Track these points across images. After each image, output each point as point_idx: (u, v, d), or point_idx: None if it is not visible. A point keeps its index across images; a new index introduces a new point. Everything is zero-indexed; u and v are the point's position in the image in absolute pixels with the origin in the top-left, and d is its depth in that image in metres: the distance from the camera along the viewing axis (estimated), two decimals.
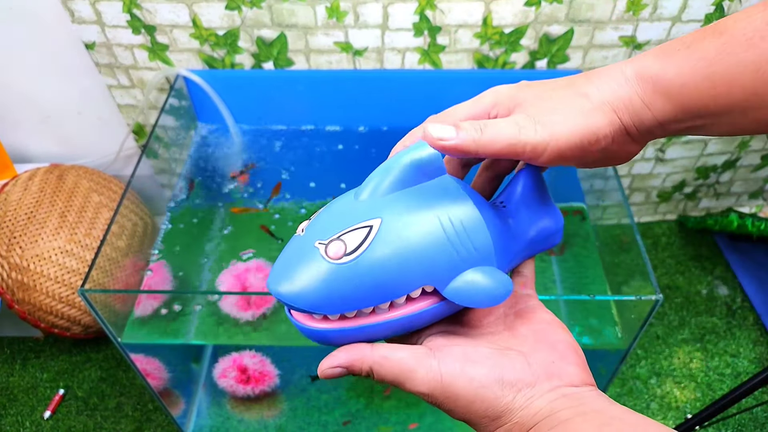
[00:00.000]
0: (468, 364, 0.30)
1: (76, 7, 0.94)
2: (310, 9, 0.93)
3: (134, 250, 1.02)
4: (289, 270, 0.31)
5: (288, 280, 0.30)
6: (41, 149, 1.19)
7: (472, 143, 0.31)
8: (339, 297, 0.29)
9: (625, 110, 0.32)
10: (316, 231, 0.31)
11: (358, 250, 0.29)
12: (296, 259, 0.31)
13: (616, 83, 0.32)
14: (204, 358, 1.06)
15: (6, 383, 1.15)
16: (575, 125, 0.31)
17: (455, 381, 0.30)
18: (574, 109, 0.32)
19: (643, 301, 0.69)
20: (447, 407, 0.30)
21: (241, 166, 1.06)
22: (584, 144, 0.32)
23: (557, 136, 0.31)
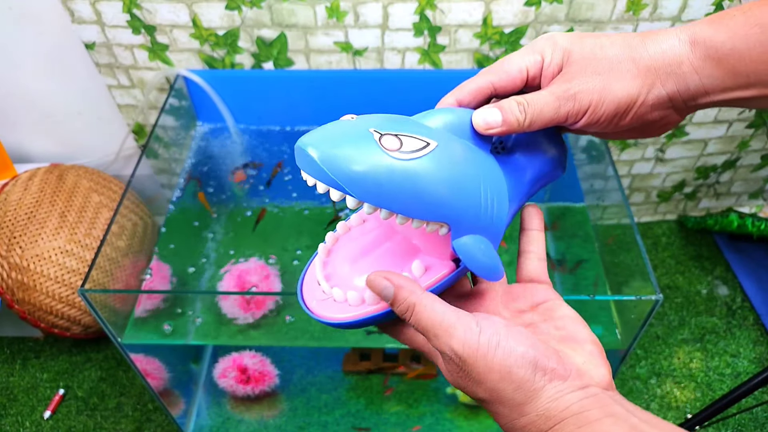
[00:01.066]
0: (509, 338, 0.29)
1: (76, 7, 0.94)
2: (310, 9, 0.93)
3: (134, 250, 1.02)
4: (332, 138, 0.29)
5: (329, 145, 0.29)
6: (41, 149, 1.19)
7: (517, 126, 0.33)
8: (374, 183, 0.29)
9: (672, 76, 0.32)
10: (371, 122, 0.31)
11: (412, 153, 0.30)
12: (343, 133, 0.30)
13: (668, 45, 0.32)
14: (204, 358, 1.06)
15: (6, 383, 1.15)
16: (614, 93, 0.32)
17: (492, 351, 0.29)
18: (619, 74, 0.32)
19: (643, 301, 0.69)
20: (475, 377, 0.29)
21: (241, 166, 1.05)
22: (620, 110, 0.32)
23: (595, 104, 0.32)
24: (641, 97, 0.32)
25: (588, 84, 0.32)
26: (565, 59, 0.34)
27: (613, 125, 0.33)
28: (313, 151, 0.28)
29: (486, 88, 0.36)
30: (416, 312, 0.30)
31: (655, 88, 0.32)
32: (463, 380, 0.30)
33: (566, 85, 0.33)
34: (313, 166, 0.28)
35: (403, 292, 0.31)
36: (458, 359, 0.29)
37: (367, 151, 0.29)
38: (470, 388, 0.30)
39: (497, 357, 0.28)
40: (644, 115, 0.33)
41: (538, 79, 0.35)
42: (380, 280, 0.31)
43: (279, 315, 0.86)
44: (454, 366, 0.30)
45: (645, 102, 0.32)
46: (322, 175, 0.29)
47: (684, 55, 0.32)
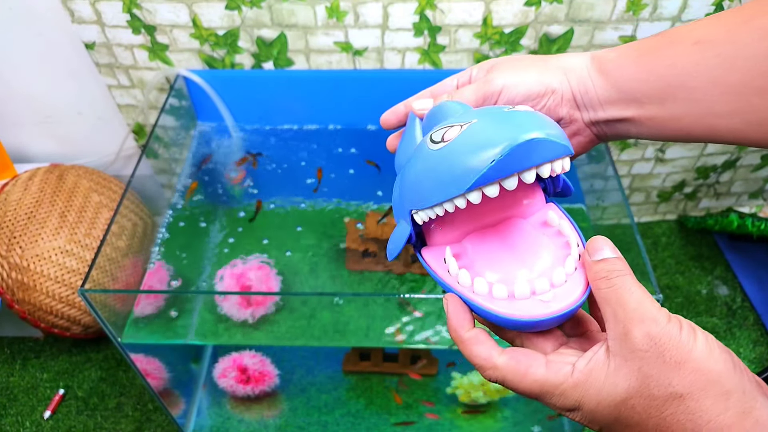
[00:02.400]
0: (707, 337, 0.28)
1: (76, 7, 0.94)
2: (310, 9, 0.93)
3: (134, 250, 1.02)
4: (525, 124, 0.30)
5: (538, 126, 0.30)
6: (41, 149, 1.19)
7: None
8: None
9: (575, 75, 0.38)
10: (488, 112, 0.32)
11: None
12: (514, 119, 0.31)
13: (573, 58, 0.39)
14: (204, 358, 1.06)
15: (6, 383, 1.15)
16: (530, 77, 0.37)
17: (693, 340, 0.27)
18: (533, 67, 0.38)
19: None
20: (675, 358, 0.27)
21: (242, 165, 1.05)
22: (531, 95, 0.37)
23: (511, 82, 0.37)
24: (551, 86, 0.37)
25: (504, 73, 0.38)
26: (490, 66, 0.40)
27: (524, 96, 0.38)
28: (540, 134, 0.29)
29: (426, 97, 0.42)
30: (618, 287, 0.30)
31: (564, 82, 0.38)
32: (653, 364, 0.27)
33: (486, 76, 0.39)
34: (546, 147, 0.30)
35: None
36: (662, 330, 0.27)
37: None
38: (661, 377, 0.27)
39: (697, 343, 0.27)
40: (556, 109, 0.38)
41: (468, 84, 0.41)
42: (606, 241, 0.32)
43: (279, 315, 0.86)
44: (647, 341, 0.27)
45: (555, 92, 0.37)
46: (555, 149, 0.30)
47: (584, 64, 0.38)
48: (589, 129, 0.39)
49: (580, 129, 0.39)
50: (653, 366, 0.27)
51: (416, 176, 0.32)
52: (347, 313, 0.85)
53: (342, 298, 0.85)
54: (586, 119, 0.38)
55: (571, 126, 0.39)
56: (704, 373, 0.26)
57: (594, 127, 0.39)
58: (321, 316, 0.85)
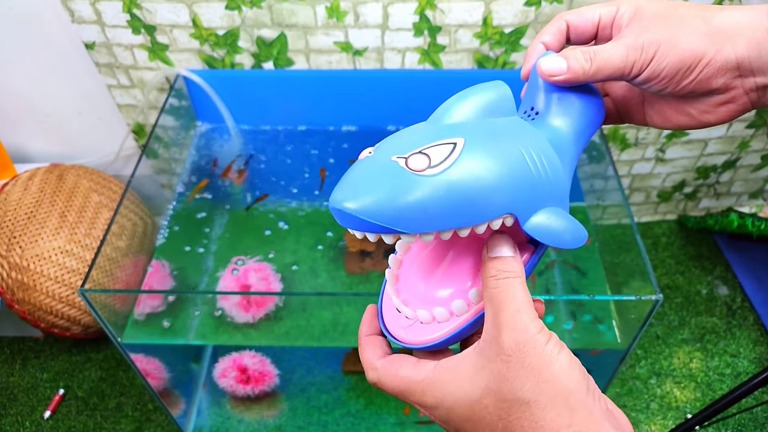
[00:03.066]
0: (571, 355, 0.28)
1: (76, 7, 0.94)
2: (310, 9, 0.93)
3: (134, 250, 1.02)
4: (361, 185, 0.28)
5: (361, 193, 0.27)
6: (41, 149, 1.19)
7: (582, 74, 0.33)
8: (421, 211, 0.27)
9: (744, 38, 0.31)
10: (390, 149, 0.29)
11: (443, 163, 0.28)
12: (369, 175, 0.28)
13: (745, 13, 0.32)
14: (204, 358, 1.06)
15: (6, 383, 1.15)
16: (680, 45, 0.32)
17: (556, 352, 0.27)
18: (687, 29, 0.32)
19: (643, 301, 0.69)
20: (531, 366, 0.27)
21: (241, 165, 1.06)
22: (684, 65, 0.32)
23: (660, 54, 0.32)
24: (708, 54, 0.31)
25: (656, 35, 0.32)
26: (636, 14, 0.34)
27: (675, 82, 0.32)
28: (349, 206, 0.27)
29: (562, 26, 0.36)
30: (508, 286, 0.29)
31: (724, 49, 0.31)
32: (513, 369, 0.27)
33: (634, 35, 0.33)
34: (355, 221, 0.27)
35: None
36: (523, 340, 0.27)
37: (400, 183, 0.27)
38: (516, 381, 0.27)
39: (560, 357, 0.27)
40: (709, 80, 0.32)
41: (609, 29, 0.36)
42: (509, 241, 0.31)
43: (279, 315, 0.86)
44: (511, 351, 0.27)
45: (712, 62, 0.31)
46: (368, 226, 0.27)
47: (760, 22, 0.31)
48: (747, 96, 0.33)
49: (735, 97, 0.33)
50: (512, 370, 0.27)
51: None
52: (347, 313, 0.85)
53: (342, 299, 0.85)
54: (748, 86, 0.33)
55: (726, 94, 0.33)
56: (555, 385, 0.26)
57: (755, 93, 0.33)
58: (321, 316, 0.85)
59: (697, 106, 0.34)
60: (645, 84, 0.33)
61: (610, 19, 0.35)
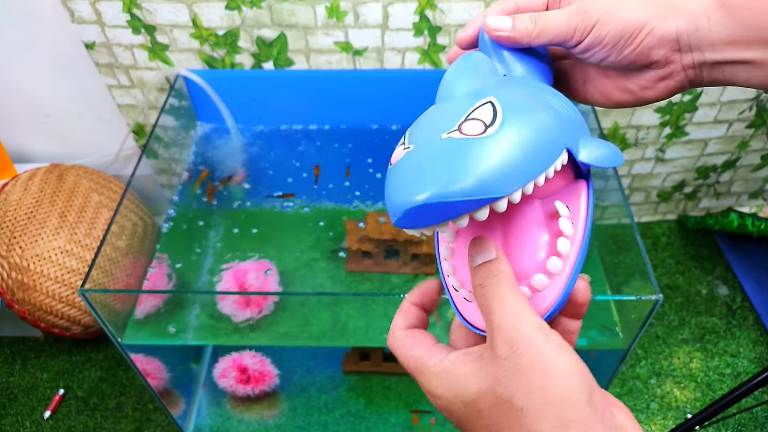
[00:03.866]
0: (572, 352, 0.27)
1: (76, 7, 0.94)
2: (310, 9, 0.93)
3: (134, 250, 1.02)
4: (426, 173, 0.26)
5: (434, 179, 0.25)
6: (41, 149, 1.19)
7: (526, 35, 0.34)
8: (506, 165, 0.26)
9: (683, 12, 0.32)
10: (429, 133, 0.28)
11: (497, 119, 0.27)
12: (428, 161, 0.26)
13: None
14: (204, 358, 1.06)
15: (6, 383, 1.15)
16: (623, 13, 0.32)
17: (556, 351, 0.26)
18: (632, 0, 0.33)
19: (643, 301, 0.69)
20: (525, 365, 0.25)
21: (241, 166, 1.06)
22: (626, 32, 0.32)
23: (602, 21, 0.32)
24: (650, 24, 0.32)
25: (599, 2, 0.33)
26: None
27: (617, 50, 0.33)
28: (424, 197, 0.25)
29: (510, 8, 0.36)
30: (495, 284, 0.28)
31: (665, 21, 0.32)
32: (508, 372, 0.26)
33: (579, 3, 0.34)
34: (433, 211, 0.26)
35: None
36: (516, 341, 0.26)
37: (471, 152, 0.26)
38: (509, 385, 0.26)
39: (560, 360, 0.25)
40: (650, 50, 0.33)
41: (557, 5, 0.36)
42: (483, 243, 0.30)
43: (279, 315, 0.86)
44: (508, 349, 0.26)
45: (653, 32, 0.32)
46: (449, 210, 0.26)
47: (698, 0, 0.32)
48: (684, 72, 0.34)
49: (673, 72, 0.34)
50: (506, 373, 0.26)
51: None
52: (347, 313, 0.85)
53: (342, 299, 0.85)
54: (686, 62, 0.33)
55: (665, 69, 0.33)
56: (549, 393, 0.24)
57: (692, 70, 0.33)
58: (321, 316, 0.85)
59: (636, 81, 0.35)
60: (587, 52, 0.34)
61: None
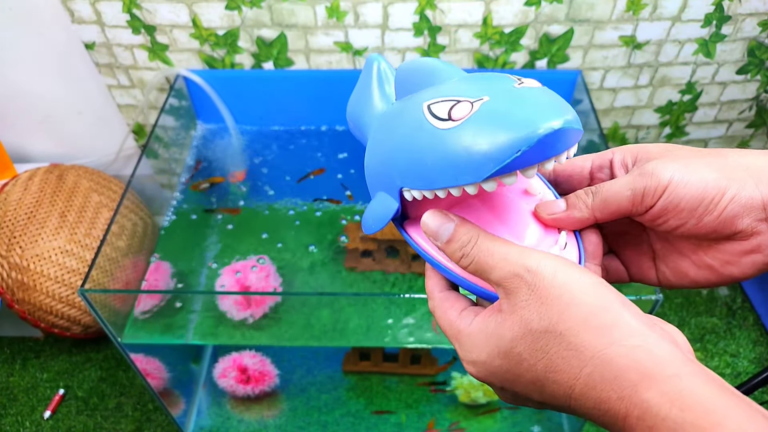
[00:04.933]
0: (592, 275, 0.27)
1: (76, 7, 0.94)
2: (310, 9, 0.93)
3: (134, 250, 1.02)
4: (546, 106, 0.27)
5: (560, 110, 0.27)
6: (41, 149, 1.19)
7: (587, 210, 0.31)
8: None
9: (764, 178, 0.28)
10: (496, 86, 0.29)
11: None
12: (534, 99, 0.27)
13: (759, 154, 0.29)
14: (204, 358, 1.06)
15: (6, 383, 1.15)
16: (705, 176, 0.28)
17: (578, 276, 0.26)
18: (703, 162, 0.29)
19: (642, 301, 0.69)
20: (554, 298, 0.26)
21: (241, 166, 1.06)
22: (707, 197, 0.28)
23: (680, 179, 0.28)
24: (731, 189, 0.28)
25: (669, 165, 0.29)
26: (641, 155, 0.32)
27: (697, 217, 0.28)
28: (565, 122, 0.26)
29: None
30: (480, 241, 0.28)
31: (747, 185, 0.28)
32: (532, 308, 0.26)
33: (644, 166, 0.30)
34: (570, 135, 0.27)
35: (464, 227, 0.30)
36: (534, 275, 0.26)
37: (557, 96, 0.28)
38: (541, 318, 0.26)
39: (581, 280, 0.26)
40: (734, 219, 0.28)
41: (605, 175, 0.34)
42: (436, 217, 0.30)
43: (279, 315, 0.86)
44: (524, 289, 0.26)
45: (736, 197, 0.28)
46: (576, 136, 0.28)
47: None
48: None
49: (762, 245, 0.29)
50: (533, 310, 0.26)
51: (419, 155, 0.29)
52: (347, 312, 0.85)
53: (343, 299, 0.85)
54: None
55: (750, 240, 0.29)
56: (581, 308, 0.25)
57: None
58: (321, 316, 0.85)
59: (717, 256, 0.30)
60: (659, 219, 0.29)
61: (605, 166, 0.33)
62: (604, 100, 1.10)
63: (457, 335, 0.30)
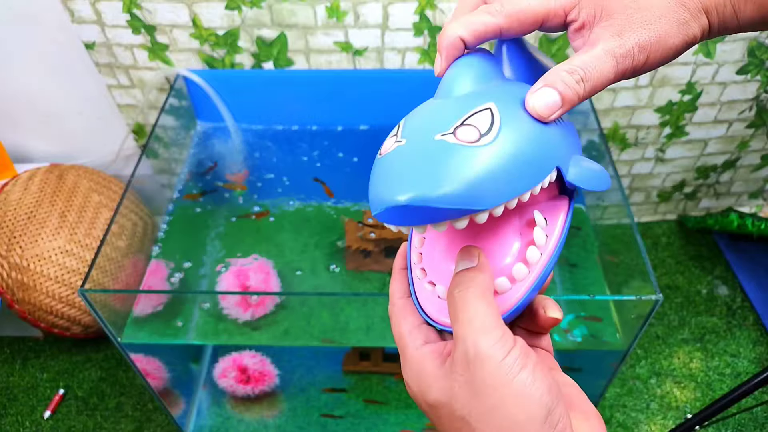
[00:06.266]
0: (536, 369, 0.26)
1: (76, 6, 0.94)
2: (310, 9, 0.93)
3: (134, 250, 1.02)
4: (415, 173, 0.25)
5: (421, 181, 0.25)
6: (41, 149, 1.19)
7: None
8: (492, 181, 0.25)
9: (716, 14, 0.30)
10: (424, 130, 0.27)
11: (493, 129, 0.26)
12: (418, 160, 0.26)
13: None
14: (204, 358, 1.06)
15: (6, 383, 1.15)
16: (672, 41, 0.29)
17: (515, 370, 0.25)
18: (671, 21, 0.29)
19: (643, 301, 0.69)
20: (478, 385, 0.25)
21: (241, 166, 1.06)
22: (676, 55, 0.30)
23: (654, 54, 0.29)
24: (696, 38, 0.30)
25: (642, 36, 0.28)
26: (600, 10, 0.30)
27: (660, 65, 0.31)
28: (407, 197, 0.25)
29: (493, 32, 0.30)
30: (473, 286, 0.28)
31: (704, 28, 0.30)
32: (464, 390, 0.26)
33: (618, 40, 0.29)
34: (417, 213, 0.25)
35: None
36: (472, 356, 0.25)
37: (462, 158, 0.25)
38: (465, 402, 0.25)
39: (518, 378, 0.25)
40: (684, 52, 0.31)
41: (554, 30, 0.32)
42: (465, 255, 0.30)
43: (279, 315, 0.86)
44: (465, 366, 0.26)
45: (697, 41, 0.30)
46: (431, 214, 0.25)
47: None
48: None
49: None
50: (462, 389, 0.25)
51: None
52: (347, 313, 0.85)
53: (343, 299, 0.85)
54: (706, 38, 0.31)
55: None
56: (500, 415, 0.24)
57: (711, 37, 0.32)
58: (321, 316, 0.85)
59: None
60: None
61: (558, 24, 0.31)
62: (604, 100, 1.10)
63: (402, 349, 0.30)
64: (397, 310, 0.31)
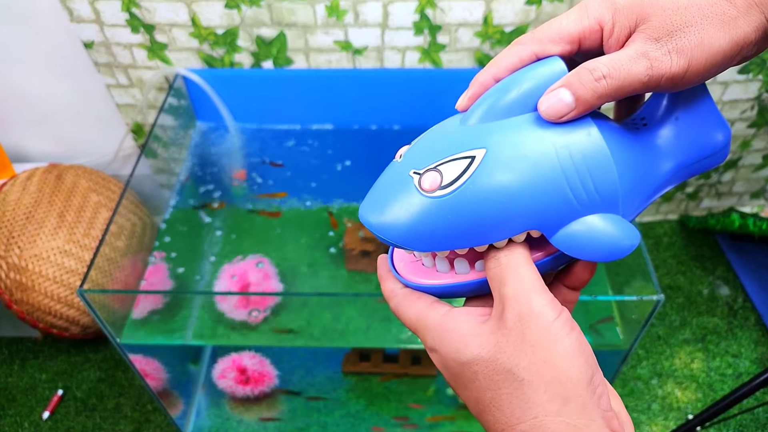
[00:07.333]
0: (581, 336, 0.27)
1: (75, 6, 0.94)
2: (309, 8, 0.93)
3: (133, 250, 1.01)
4: (381, 200, 0.29)
5: (378, 210, 0.29)
6: (40, 149, 1.19)
7: (597, 99, 0.26)
8: (429, 234, 0.27)
9: None
10: (414, 158, 0.29)
11: (454, 183, 0.27)
12: (389, 189, 0.29)
13: None
14: (203, 358, 1.06)
15: (4, 384, 1.15)
16: (717, 42, 0.25)
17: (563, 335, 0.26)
18: (715, 20, 0.25)
19: (644, 302, 0.68)
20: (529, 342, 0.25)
21: (241, 165, 1.05)
22: (726, 60, 0.26)
23: (696, 59, 0.26)
24: (749, 37, 0.26)
25: (680, 40, 0.25)
26: (636, 16, 0.27)
27: (712, 75, 0.27)
28: (369, 220, 0.29)
29: (528, 58, 0.29)
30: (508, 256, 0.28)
31: (761, 25, 0.26)
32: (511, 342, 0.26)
33: (653, 44, 0.26)
34: (377, 234, 0.29)
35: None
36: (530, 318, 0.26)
37: (411, 203, 0.28)
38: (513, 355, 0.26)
39: (568, 339, 0.25)
40: (749, 54, 0.27)
41: (596, 50, 0.29)
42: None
43: (279, 315, 0.85)
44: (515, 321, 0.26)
45: (752, 42, 0.26)
46: (385, 240, 0.29)
47: None
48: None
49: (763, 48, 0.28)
50: (511, 343, 0.26)
51: None
52: (347, 313, 0.84)
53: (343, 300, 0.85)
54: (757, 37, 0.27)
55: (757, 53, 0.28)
56: (553, 369, 0.25)
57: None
58: (321, 316, 0.84)
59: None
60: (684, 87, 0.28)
61: (595, 42, 0.28)
62: None
63: (423, 324, 0.29)
64: (402, 299, 0.31)
